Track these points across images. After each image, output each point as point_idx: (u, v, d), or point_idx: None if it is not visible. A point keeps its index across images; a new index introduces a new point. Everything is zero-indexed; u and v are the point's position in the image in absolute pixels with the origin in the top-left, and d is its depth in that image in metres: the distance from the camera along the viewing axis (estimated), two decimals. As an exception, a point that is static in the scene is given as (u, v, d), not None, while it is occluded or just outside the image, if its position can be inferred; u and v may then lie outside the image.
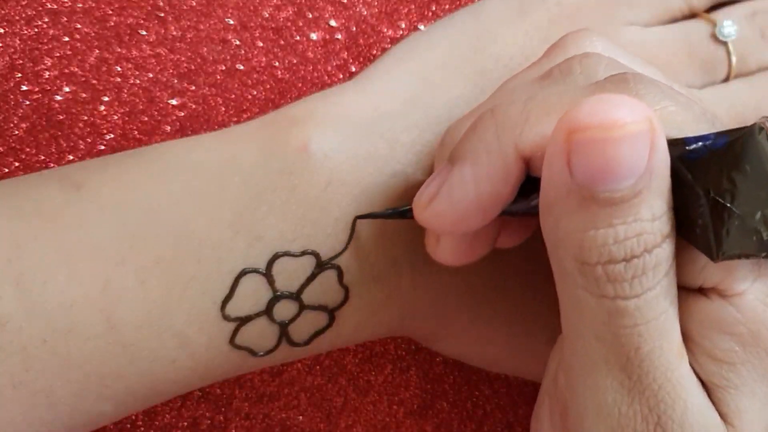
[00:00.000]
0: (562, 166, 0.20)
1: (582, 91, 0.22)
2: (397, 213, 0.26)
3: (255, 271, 0.26)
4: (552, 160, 0.20)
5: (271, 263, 0.26)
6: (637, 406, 0.20)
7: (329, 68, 0.34)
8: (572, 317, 0.21)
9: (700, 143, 0.20)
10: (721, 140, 0.20)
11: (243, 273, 0.26)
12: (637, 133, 0.19)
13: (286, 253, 0.26)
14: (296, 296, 0.27)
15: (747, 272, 0.20)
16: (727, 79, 0.32)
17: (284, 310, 0.27)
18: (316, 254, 0.27)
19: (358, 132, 0.27)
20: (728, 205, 0.19)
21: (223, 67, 0.33)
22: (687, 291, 0.21)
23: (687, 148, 0.20)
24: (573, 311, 0.21)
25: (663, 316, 0.20)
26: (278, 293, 0.26)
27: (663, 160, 0.20)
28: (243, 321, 0.26)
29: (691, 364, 0.21)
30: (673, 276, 0.20)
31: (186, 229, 0.26)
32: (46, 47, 0.32)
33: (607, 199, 0.19)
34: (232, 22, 0.33)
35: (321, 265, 0.27)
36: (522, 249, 0.27)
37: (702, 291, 0.21)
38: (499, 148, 0.22)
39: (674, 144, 0.20)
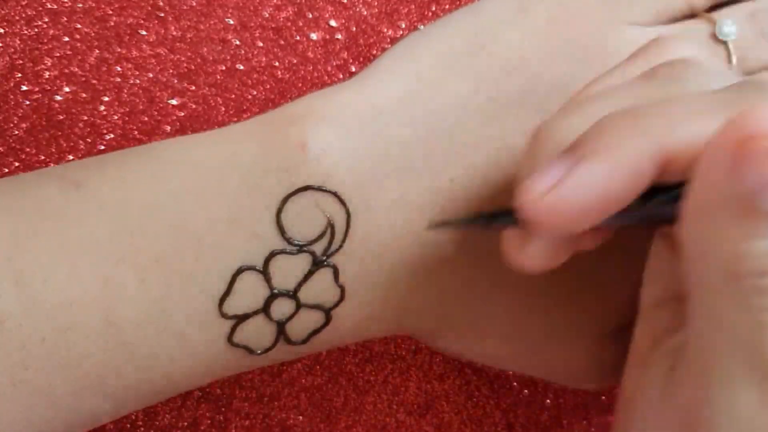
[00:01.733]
0: (725, 173, 0.19)
1: (727, 96, 0.21)
2: (484, 218, 0.24)
3: (252, 268, 0.26)
4: (712, 167, 0.19)
5: (268, 261, 0.26)
6: None
7: (329, 68, 0.34)
8: (707, 329, 0.21)
9: None
10: None
11: (240, 270, 0.26)
12: None
13: (283, 251, 0.26)
14: (293, 294, 0.27)
15: None
16: (726, 79, 0.32)
17: (281, 308, 0.27)
18: (312, 252, 0.27)
19: (356, 129, 0.27)
20: None
21: (223, 67, 0.33)
22: None
23: None
24: (709, 323, 0.21)
25: None
26: (275, 291, 0.26)
27: None
28: (240, 319, 0.26)
29: None
30: None
31: (185, 226, 0.26)
32: (46, 47, 0.32)
33: None
34: (232, 22, 0.33)
35: (316, 264, 0.27)
36: None
37: None
38: (642, 148, 0.21)
39: None
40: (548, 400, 0.35)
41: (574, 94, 0.26)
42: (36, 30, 0.32)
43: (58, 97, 0.32)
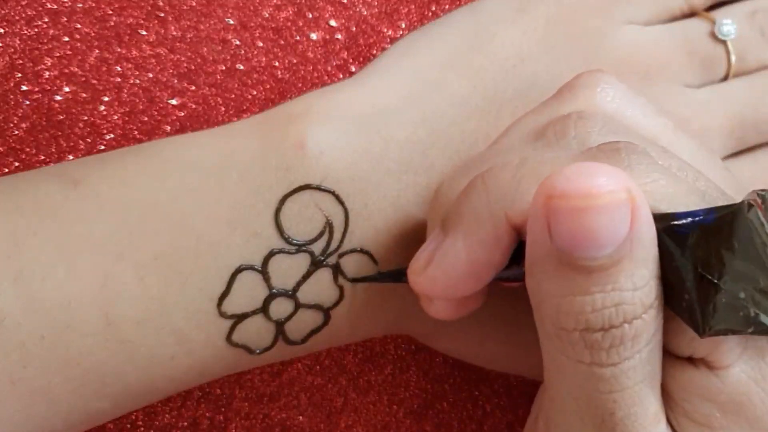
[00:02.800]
0: (542, 229, 0.19)
1: (572, 161, 0.22)
2: (390, 276, 0.26)
3: (251, 267, 0.26)
4: (534, 223, 0.20)
5: (267, 260, 0.26)
6: None
7: (329, 68, 0.34)
8: (552, 373, 0.22)
9: (689, 219, 0.20)
10: (711, 216, 0.19)
11: (239, 269, 0.26)
12: (615, 202, 0.19)
13: (282, 251, 0.26)
14: (292, 294, 0.27)
15: (734, 346, 0.20)
16: (726, 78, 0.32)
17: (280, 308, 0.27)
18: (310, 252, 0.27)
19: (355, 128, 0.27)
20: (715, 281, 0.19)
21: (223, 67, 0.33)
22: (674, 357, 0.21)
23: (676, 222, 0.20)
24: (552, 368, 0.21)
25: (639, 386, 0.20)
26: (274, 291, 0.26)
27: (646, 230, 0.19)
28: (239, 318, 0.26)
29: (668, 420, 0.21)
30: (656, 345, 0.20)
31: (184, 225, 0.26)
32: (46, 47, 0.32)
33: (584, 267, 0.19)
34: (232, 22, 0.33)
35: (315, 263, 0.27)
36: None
37: (690, 360, 0.21)
38: (490, 217, 0.22)
39: (663, 218, 0.20)
40: (548, 400, 0.35)
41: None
42: (36, 30, 0.32)
43: (58, 97, 0.32)
